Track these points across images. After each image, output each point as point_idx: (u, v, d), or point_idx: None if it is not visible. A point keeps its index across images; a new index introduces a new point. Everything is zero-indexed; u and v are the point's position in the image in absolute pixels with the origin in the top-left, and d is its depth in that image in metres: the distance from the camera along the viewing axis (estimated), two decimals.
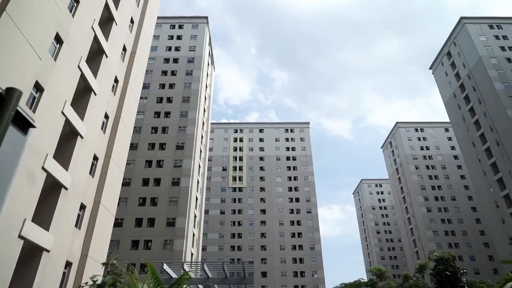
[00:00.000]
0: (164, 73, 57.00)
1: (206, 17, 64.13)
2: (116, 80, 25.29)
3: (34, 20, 15.48)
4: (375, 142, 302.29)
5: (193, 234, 46.89)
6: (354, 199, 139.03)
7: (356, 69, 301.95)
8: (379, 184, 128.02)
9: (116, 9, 24.39)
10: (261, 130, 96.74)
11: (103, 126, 23.33)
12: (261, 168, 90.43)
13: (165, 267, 14.87)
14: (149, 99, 53.82)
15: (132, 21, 28.39)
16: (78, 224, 19.92)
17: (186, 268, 15.79)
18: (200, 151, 54.89)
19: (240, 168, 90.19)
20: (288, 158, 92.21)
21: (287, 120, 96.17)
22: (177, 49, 60.12)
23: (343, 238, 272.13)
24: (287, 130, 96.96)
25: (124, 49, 26.78)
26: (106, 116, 23.68)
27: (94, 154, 21.73)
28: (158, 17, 57.54)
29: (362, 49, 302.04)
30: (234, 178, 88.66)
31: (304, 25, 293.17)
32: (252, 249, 79.61)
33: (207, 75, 64.31)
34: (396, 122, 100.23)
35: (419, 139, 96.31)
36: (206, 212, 79.89)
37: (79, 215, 20.05)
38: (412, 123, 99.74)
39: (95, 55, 22.19)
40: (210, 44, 67.30)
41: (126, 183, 44.43)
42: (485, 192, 65.09)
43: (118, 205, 32.92)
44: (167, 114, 52.55)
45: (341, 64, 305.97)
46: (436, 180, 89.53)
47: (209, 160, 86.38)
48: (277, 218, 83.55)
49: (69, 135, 19.11)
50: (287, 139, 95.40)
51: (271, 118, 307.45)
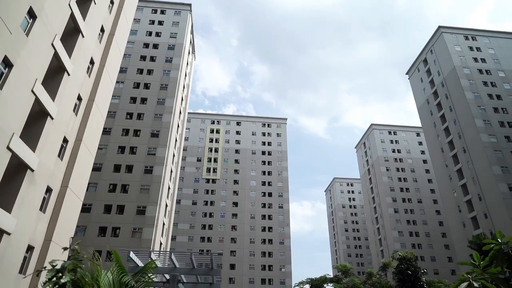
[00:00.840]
0: (143, 58, 55.66)
1: (190, 5, 62.99)
2: (92, 62, 24.49)
3: None
4: (349, 142, 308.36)
5: (163, 224, 46.42)
6: (326, 197, 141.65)
7: (336, 69, 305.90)
8: (351, 184, 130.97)
9: None
10: (239, 123, 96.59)
11: (76, 108, 22.58)
12: (236, 161, 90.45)
13: (132, 255, 14.66)
14: (126, 84, 52.48)
15: (112, 2, 27.51)
16: (43, 208, 19.28)
17: (154, 257, 15.63)
18: (176, 140, 54.20)
19: (215, 160, 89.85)
20: (264, 153, 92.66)
21: (265, 115, 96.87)
22: (158, 35, 58.81)
23: (312, 234, 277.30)
24: (264, 125, 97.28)
25: (102, 30, 25.93)
26: (79, 98, 22.92)
27: (64, 137, 21.02)
28: (140, 0, 56.09)
29: (343, 50, 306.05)
30: (208, 170, 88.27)
31: (288, 21, 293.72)
32: (222, 241, 79.80)
33: (187, 64, 63.37)
34: (371, 124, 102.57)
35: (392, 142, 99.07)
36: (178, 202, 79.26)
37: (45, 199, 19.40)
38: (386, 126, 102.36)
39: (71, 34, 21.37)
40: (192, 33, 66.26)
41: (97, 168, 43.33)
42: (450, 197, 67.85)
43: (87, 190, 32.11)
44: (144, 101, 51.44)
45: (321, 63, 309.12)
46: (405, 183, 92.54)
47: (184, 150, 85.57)
48: (249, 212, 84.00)
49: (39, 115, 18.39)
50: (264, 134, 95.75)
51: (249, 112, 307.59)
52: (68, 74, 20.57)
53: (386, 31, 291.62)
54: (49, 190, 19.67)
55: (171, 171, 51.34)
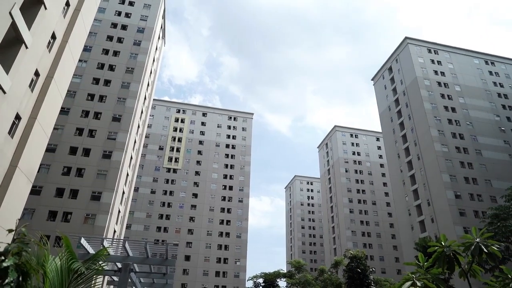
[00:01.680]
0: (110, 39, 53.36)
1: None
2: (54, 37, 23.12)
3: None
4: (312, 142, 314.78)
5: (119, 211, 45.10)
6: (285, 194, 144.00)
7: (304, 69, 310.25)
8: (311, 182, 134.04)
9: None
10: (205, 114, 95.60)
11: (32, 84, 21.26)
12: (199, 152, 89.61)
13: (83, 242, 14.13)
14: (89, 63, 50.13)
15: None
16: None
17: (106, 245, 15.15)
18: (138, 127, 52.68)
19: (178, 150, 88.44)
20: (228, 146, 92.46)
21: (230, 108, 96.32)
22: (128, 16, 56.62)
23: (269, 230, 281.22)
24: (231, 118, 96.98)
25: (68, 4, 24.54)
26: (37, 74, 21.59)
27: (17, 113, 19.75)
28: None
29: (313, 51, 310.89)
30: (170, 159, 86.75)
31: (261, 16, 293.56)
32: (179, 232, 78.97)
33: (156, 49, 61.62)
34: (334, 126, 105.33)
35: (353, 144, 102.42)
36: (136, 190, 77.33)
37: None
38: (349, 129, 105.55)
39: (33, 5, 20.04)
40: (164, 17, 64.48)
41: (51, 149, 41.23)
42: (401, 200, 71.34)
43: (38, 172, 30.48)
44: (107, 83, 49.42)
45: (291, 62, 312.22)
46: (362, 185, 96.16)
47: (146, 137, 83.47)
48: (208, 204, 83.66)
49: None
50: (229, 127, 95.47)
51: (215, 104, 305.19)
52: (26, 47, 19.31)
53: (356, 37, 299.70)
54: None
55: (131, 158, 49.91)
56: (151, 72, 59.06)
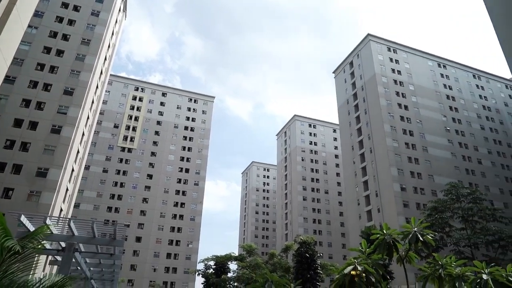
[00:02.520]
0: (65, 6, 49.65)
1: None
2: None
3: None
4: (271, 129, 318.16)
5: (67, 189, 43.06)
6: (242, 179, 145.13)
7: (268, 56, 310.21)
8: (267, 169, 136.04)
9: None
10: (164, 94, 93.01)
11: None
12: (156, 133, 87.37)
13: (23, 219, 13.34)
14: (41, 31, 46.52)
15: None
16: None
17: (50, 223, 14.44)
18: (92, 102, 50.13)
19: (134, 129, 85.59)
20: (187, 128, 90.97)
21: (191, 89, 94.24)
22: None
23: (223, 214, 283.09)
24: (191, 100, 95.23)
25: None
26: None
27: None
28: None
29: (278, 39, 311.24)
30: (125, 138, 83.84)
31: None
32: (131, 213, 77.17)
33: (116, 22, 58.47)
34: (294, 115, 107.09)
35: (310, 134, 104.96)
36: (87, 168, 74.12)
37: None
38: (308, 119, 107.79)
39: None
40: None
41: None
42: (352, 191, 74.60)
43: None
44: (60, 53, 46.22)
45: (255, 48, 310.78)
46: (316, 174, 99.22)
47: (101, 114, 79.77)
48: (163, 186, 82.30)
49: None
50: (189, 109, 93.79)
51: (174, 84, 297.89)
52: None
53: (321, 29, 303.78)
54: None
55: (83, 134, 47.59)
56: (109, 46, 56.11)
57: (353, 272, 6.72)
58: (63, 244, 15.49)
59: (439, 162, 67.93)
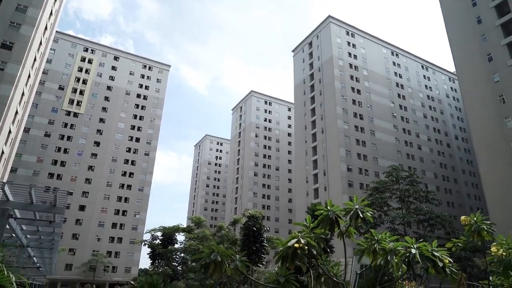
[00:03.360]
0: None
1: None
2: None
3: None
4: (226, 104, 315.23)
5: (2, 152, 39.94)
6: (194, 152, 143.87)
7: (227, 28, 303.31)
8: (221, 143, 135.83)
9: None
10: (117, 58, 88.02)
11: None
12: (106, 98, 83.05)
13: None
14: None
15: None
16: None
17: None
18: (35, 60, 46.14)
19: (81, 92, 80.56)
20: (139, 96, 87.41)
21: (145, 56, 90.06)
22: None
23: (173, 186, 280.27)
24: (145, 67, 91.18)
25: None
26: None
27: None
28: None
29: (239, 10, 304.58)
30: (72, 101, 78.80)
31: None
32: (75, 181, 73.77)
33: None
34: (251, 91, 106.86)
35: (266, 111, 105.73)
36: (26, 131, 68.98)
37: None
38: (264, 96, 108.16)
39: None
40: None
41: None
42: (302, 169, 77.05)
43: None
44: None
45: (214, 17, 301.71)
46: (269, 150, 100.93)
47: (44, 73, 73.92)
48: (111, 154, 79.26)
49: None
50: (143, 76, 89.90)
51: (127, 48, 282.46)
52: None
53: (284, 5, 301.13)
54: None
55: (23, 94, 43.94)
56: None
57: (296, 245, 6.98)
58: None
59: (384, 146, 71.92)
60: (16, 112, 42.47)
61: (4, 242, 13.83)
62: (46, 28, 49.23)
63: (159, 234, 44.82)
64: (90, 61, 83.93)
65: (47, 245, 23.82)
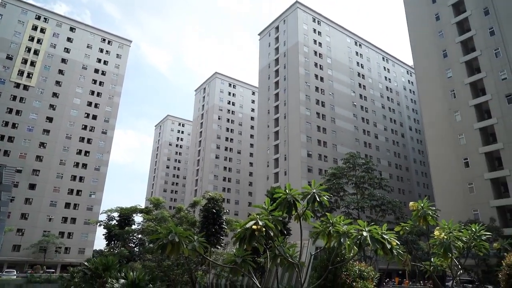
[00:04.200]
0: None
1: None
2: None
3: None
4: (189, 84, 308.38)
5: None
6: (155, 132, 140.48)
7: (194, 8, 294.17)
8: (182, 124, 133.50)
9: None
10: (73, 29, 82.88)
11: None
12: (61, 72, 78.35)
13: None
14: None
15: None
16: None
17: None
18: None
19: (33, 63, 75.33)
20: (97, 71, 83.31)
21: (104, 29, 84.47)
22: None
23: (132, 166, 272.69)
24: (104, 41, 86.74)
25: None
26: None
27: None
28: None
29: None
30: (21, 73, 73.57)
31: None
32: (24, 157, 69.68)
33: None
34: (215, 72, 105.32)
35: (229, 94, 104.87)
36: None
37: None
38: (228, 78, 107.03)
39: None
40: None
41: None
42: (263, 153, 77.85)
43: None
44: None
45: None
46: (231, 134, 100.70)
47: None
48: (66, 131, 75.46)
49: None
50: (102, 50, 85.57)
51: (84, 19, 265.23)
52: None
53: None
54: None
55: None
56: None
57: (254, 227, 7.12)
58: None
59: (343, 133, 74.20)
60: None
61: None
62: None
63: (116, 215, 43.72)
64: (43, 30, 78.43)
65: None
